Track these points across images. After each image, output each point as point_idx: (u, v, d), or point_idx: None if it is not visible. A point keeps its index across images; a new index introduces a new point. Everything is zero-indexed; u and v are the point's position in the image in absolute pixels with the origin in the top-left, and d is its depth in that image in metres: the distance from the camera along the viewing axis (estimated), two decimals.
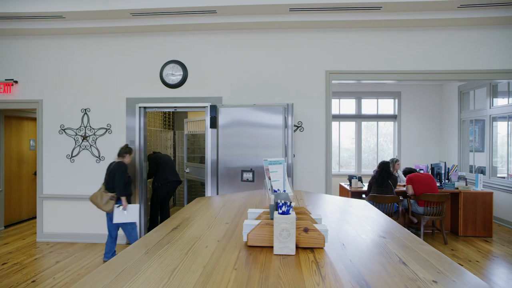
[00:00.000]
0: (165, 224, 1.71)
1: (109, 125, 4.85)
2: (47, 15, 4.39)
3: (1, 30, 4.73)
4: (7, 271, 3.84)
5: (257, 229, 1.29)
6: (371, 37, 4.56)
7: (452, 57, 4.52)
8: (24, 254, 4.42)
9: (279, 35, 4.63)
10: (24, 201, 6.18)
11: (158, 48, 4.78)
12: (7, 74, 5.00)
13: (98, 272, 1.10)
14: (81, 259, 4.20)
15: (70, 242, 4.90)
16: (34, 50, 4.97)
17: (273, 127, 4.02)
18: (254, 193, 2.65)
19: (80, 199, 4.90)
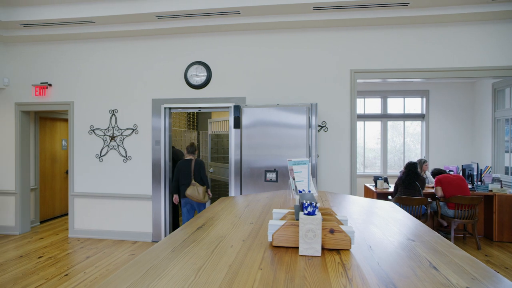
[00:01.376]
0: (190, 223, 1.74)
1: (136, 126, 4.98)
2: (78, 20, 4.57)
3: (37, 36, 4.97)
4: (43, 264, 4.03)
5: (282, 229, 1.28)
6: (397, 35, 4.43)
7: (486, 53, 4.32)
8: (57, 248, 4.63)
9: (302, 34, 4.60)
10: (57, 199, 6.46)
11: (182, 49, 4.87)
12: (42, 78, 5.25)
13: (126, 268, 1.13)
14: (109, 255, 4.34)
15: (99, 239, 5.08)
16: (66, 54, 5.19)
17: (296, 127, 3.99)
18: (278, 193, 2.64)
19: (108, 197, 5.06)
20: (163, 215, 4.89)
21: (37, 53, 5.28)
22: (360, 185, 7.07)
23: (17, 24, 4.76)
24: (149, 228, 4.96)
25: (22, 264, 4.05)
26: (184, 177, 4.44)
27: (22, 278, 3.64)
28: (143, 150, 4.96)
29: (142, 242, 4.91)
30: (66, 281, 3.56)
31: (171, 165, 5.01)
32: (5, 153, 5.38)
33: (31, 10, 4.56)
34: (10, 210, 5.40)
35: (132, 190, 5.00)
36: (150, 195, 4.91)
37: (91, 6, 4.41)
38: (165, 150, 4.89)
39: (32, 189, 5.70)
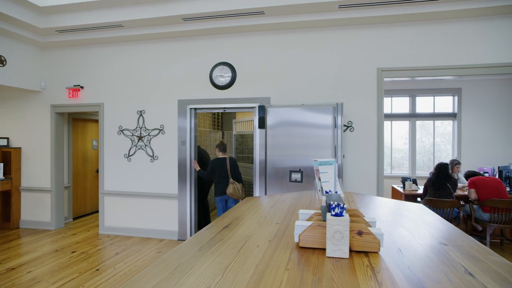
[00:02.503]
0: (216, 222, 1.75)
1: (162, 126, 5.10)
2: (108, 25, 4.73)
3: (71, 41, 5.20)
4: (76, 259, 4.21)
5: (309, 230, 1.27)
6: (426, 31, 4.28)
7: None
8: (89, 244, 4.81)
9: (327, 33, 4.54)
10: (88, 196, 6.73)
11: (207, 50, 4.93)
12: (75, 80, 5.48)
13: (155, 265, 1.15)
14: (137, 252, 4.47)
15: (127, 236, 5.24)
16: (97, 57, 5.40)
17: (322, 127, 3.95)
18: (304, 193, 2.62)
19: (136, 196, 5.21)
20: (189, 214, 4.98)
21: (70, 57, 5.52)
22: (387, 186, 6.89)
23: (53, 31, 5.00)
24: (175, 226, 5.06)
25: (57, 258, 4.25)
26: (220, 176, 4.58)
27: (57, 271, 3.82)
28: (169, 150, 5.07)
29: (168, 240, 5.01)
30: (97, 275, 3.70)
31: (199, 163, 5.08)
32: (42, 153, 5.67)
33: (66, 17, 4.77)
34: (46, 207, 5.68)
35: (158, 189, 5.12)
36: (176, 194, 5.01)
37: (120, 11, 4.56)
38: (191, 150, 4.98)
39: (65, 187, 5.96)
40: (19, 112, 5.79)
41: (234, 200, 4.68)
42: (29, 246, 4.74)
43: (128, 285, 1.00)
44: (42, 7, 4.57)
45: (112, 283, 3.51)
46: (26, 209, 5.78)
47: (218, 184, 4.67)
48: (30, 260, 4.20)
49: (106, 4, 4.48)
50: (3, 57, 4.97)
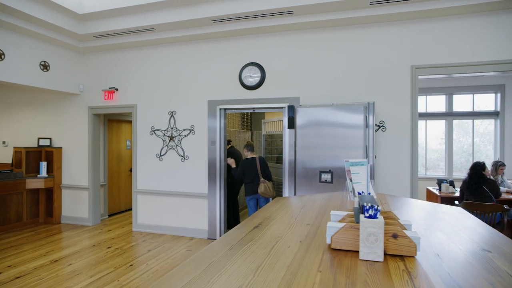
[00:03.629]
0: (246, 222, 1.76)
1: (193, 126, 5.20)
2: (141, 29, 4.89)
3: (107, 45, 5.43)
4: (112, 254, 4.39)
5: (341, 232, 1.25)
6: (464, 25, 4.06)
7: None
8: (123, 240, 5.00)
9: (358, 31, 4.43)
10: (122, 194, 7.00)
11: (236, 51, 4.97)
12: (110, 83, 5.72)
13: (188, 263, 1.18)
14: (168, 250, 4.58)
15: (159, 233, 5.39)
16: (130, 60, 5.60)
17: (353, 127, 3.86)
18: (334, 194, 2.57)
19: (167, 195, 5.35)
20: (218, 213, 5.04)
21: (106, 61, 5.76)
22: (422, 188, 6.62)
23: (90, 36, 5.24)
24: (205, 225, 5.14)
25: (94, 253, 4.45)
26: (251, 175, 4.63)
27: (95, 265, 4.00)
28: (200, 150, 5.16)
29: (198, 239, 5.11)
30: (131, 271, 3.84)
31: (226, 164, 5.14)
32: (80, 152, 5.96)
33: (102, 23, 4.99)
34: (84, 204, 5.96)
35: (189, 188, 5.23)
36: (206, 194, 5.09)
37: (152, 15, 4.70)
38: (221, 150, 5.04)
39: (101, 185, 6.23)
40: (60, 113, 6.13)
41: (265, 198, 4.70)
42: (69, 240, 5.00)
43: (162, 281, 1.02)
44: (81, 14, 4.81)
45: (145, 278, 3.62)
46: (67, 206, 6.10)
47: (248, 184, 4.70)
48: (71, 253, 4.43)
49: (139, 9, 4.63)
50: (47, 63, 5.28)
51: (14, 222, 5.67)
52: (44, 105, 6.30)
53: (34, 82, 5.11)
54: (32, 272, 3.82)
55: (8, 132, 6.78)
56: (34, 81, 5.11)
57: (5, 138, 6.81)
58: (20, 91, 6.62)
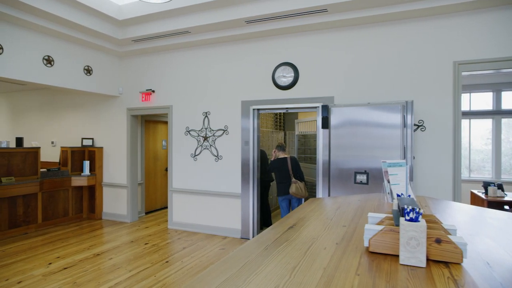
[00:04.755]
0: (281, 222, 1.75)
1: (226, 127, 5.27)
2: (176, 32, 5.03)
3: (144, 49, 5.64)
4: (148, 250, 4.56)
5: (380, 235, 1.20)
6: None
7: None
8: (159, 237, 5.17)
9: (394, 27, 4.27)
10: (158, 193, 7.24)
11: (269, 51, 4.97)
12: (148, 85, 5.93)
13: (223, 262, 1.19)
14: (202, 248, 4.68)
15: (193, 232, 5.51)
16: (166, 63, 5.78)
17: (389, 126, 3.73)
18: (371, 196, 2.49)
19: (201, 194, 5.46)
20: (251, 213, 5.07)
21: (143, 64, 5.99)
22: (465, 191, 6.25)
23: (129, 41, 5.48)
24: (238, 225, 5.19)
25: (133, 248, 4.64)
26: (282, 176, 4.62)
27: (133, 260, 4.17)
28: (233, 150, 5.21)
29: (231, 238, 5.16)
30: (167, 267, 3.96)
31: (259, 165, 5.16)
32: (119, 152, 6.24)
33: (140, 27, 5.19)
34: (123, 201, 6.23)
35: (222, 188, 5.30)
36: (239, 193, 5.14)
37: (187, 18, 4.81)
38: (254, 150, 5.06)
39: (139, 183, 6.48)
40: (101, 115, 6.46)
41: (297, 199, 4.66)
42: (110, 236, 5.25)
43: (199, 278, 1.04)
44: (121, 20, 5.03)
45: (180, 275, 3.72)
46: (107, 203, 6.41)
47: (280, 184, 4.69)
48: (111, 248, 4.65)
49: (175, 13, 4.76)
50: (90, 67, 5.59)
51: (61, 217, 6.04)
52: (87, 107, 6.67)
53: (79, 85, 5.43)
54: (77, 264, 4.05)
55: (56, 133, 7.25)
56: (79, 85, 5.42)
57: (53, 138, 7.29)
58: (66, 94, 7.05)
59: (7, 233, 5.22)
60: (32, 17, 4.43)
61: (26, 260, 4.21)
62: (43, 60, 4.87)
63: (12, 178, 5.24)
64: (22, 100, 8.08)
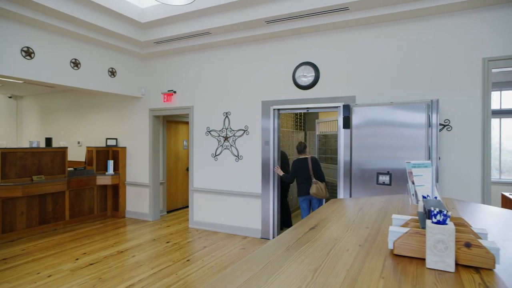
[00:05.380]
0: (302, 223, 1.74)
1: (247, 127, 5.28)
2: (197, 33, 5.09)
3: (166, 50, 5.75)
4: (170, 249, 4.63)
5: (405, 237, 1.17)
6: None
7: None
8: (180, 236, 5.25)
9: (418, 23, 4.15)
10: (179, 192, 7.35)
11: (290, 51, 4.95)
12: (169, 86, 6.04)
13: (245, 262, 1.19)
14: (223, 247, 4.71)
15: (213, 231, 5.56)
16: (186, 64, 5.86)
17: (413, 126, 3.63)
18: (394, 197, 2.43)
19: (222, 194, 5.50)
20: (272, 213, 5.06)
21: (165, 65, 6.10)
22: (495, 193, 6.00)
23: (151, 43, 5.59)
24: (258, 225, 5.19)
25: (155, 246, 4.73)
26: (303, 176, 4.60)
27: (155, 258, 4.25)
28: (253, 150, 5.22)
29: (251, 238, 5.17)
30: (188, 265, 4.01)
31: (279, 165, 5.14)
32: (142, 152, 6.38)
33: (162, 29, 5.29)
34: (145, 200, 6.37)
35: (243, 188, 5.32)
36: (260, 193, 5.14)
37: (208, 19, 4.86)
38: (274, 150, 5.05)
39: (161, 183, 6.61)
40: (124, 115, 6.62)
41: (318, 200, 4.62)
42: (133, 234, 5.38)
43: (221, 277, 1.05)
44: (143, 22, 5.14)
45: (201, 274, 3.76)
46: (130, 201, 6.57)
47: (300, 185, 4.66)
48: (134, 246, 4.76)
49: (196, 14, 4.82)
50: (114, 69, 5.74)
51: (87, 215, 6.24)
52: (110, 108, 6.86)
53: (104, 87, 5.59)
54: (102, 260, 4.18)
55: (82, 133, 7.50)
56: (103, 86, 5.59)
57: (79, 138, 7.54)
58: (91, 96, 7.28)
59: (37, 228, 5.45)
60: (61, 22, 4.60)
61: (55, 255, 4.38)
62: (71, 63, 5.05)
63: (42, 176, 5.46)
64: (51, 102, 8.42)
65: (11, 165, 5.12)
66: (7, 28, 4.28)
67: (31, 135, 8.78)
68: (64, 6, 4.33)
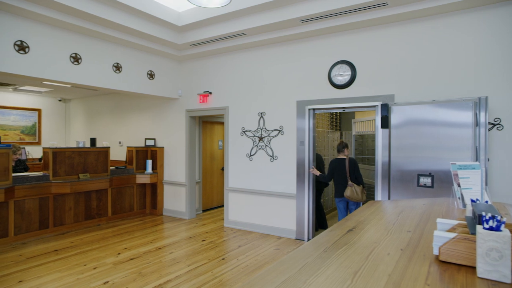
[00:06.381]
0: (339, 224, 1.70)
1: (281, 127, 5.26)
2: (232, 34, 5.15)
3: (201, 52, 5.87)
4: (206, 247, 4.73)
5: (452, 243, 1.10)
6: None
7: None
8: (215, 235, 5.34)
9: (464, 16, 3.90)
10: (214, 192, 7.47)
11: (325, 50, 4.86)
12: (205, 87, 6.16)
13: (282, 262, 1.18)
14: (257, 247, 4.72)
15: (248, 231, 5.59)
16: (222, 65, 5.95)
17: (458, 125, 3.42)
18: (437, 200, 2.31)
19: (256, 194, 5.52)
20: (306, 214, 5.00)
21: (201, 67, 6.23)
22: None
23: (188, 45, 5.74)
24: (293, 225, 5.15)
25: (191, 244, 4.85)
26: (339, 177, 4.52)
27: (191, 255, 4.36)
28: (288, 150, 5.19)
29: (286, 238, 5.14)
30: (223, 264, 4.06)
31: (314, 165, 5.07)
32: (179, 152, 6.57)
33: (198, 32, 5.41)
34: (182, 199, 6.55)
35: (277, 188, 5.31)
36: (294, 194, 5.10)
37: (243, 20, 4.90)
38: (309, 151, 4.99)
39: (197, 182, 6.76)
40: (162, 116, 6.85)
41: (354, 202, 4.50)
42: (170, 231, 5.55)
43: (259, 277, 1.05)
44: (180, 26, 5.29)
45: (236, 272, 3.79)
46: (167, 200, 6.78)
47: (337, 185, 4.57)
48: (171, 243, 4.90)
49: (231, 16, 4.88)
50: (153, 72, 5.97)
51: (127, 212, 6.53)
52: (149, 109, 7.12)
53: (143, 89, 5.82)
54: (142, 256, 4.35)
55: (122, 134, 7.87)
56: (143, 88, 5.82)
57: (120, 138, 7.92)
58: (131, 98, 7.61)
59: (84, 223, 5.79)
60: (104, 29, 4.86)
61: (99, 249, 4.62)
62: (113, 67, 5.31)
63: (87, 174, 5.79)
64: (95, 104, 8.91)
65: (60, 163, 5.48)
66: (56, 36, 4.59)
67: (78, 136, 9.35)
68: (106, 13, 4.56)
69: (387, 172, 3.95)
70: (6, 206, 4.82)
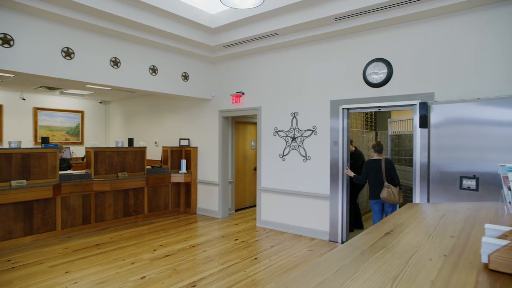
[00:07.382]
0: (376, 227, 1.64)
1: (315, 127, 5.19)
2: (265, 34, 5.16)
3: (234, 53, 5.94)
4: (238, 246, 4.77)
5: (503, 251, 1.03)
6: None
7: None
8: (248, 235, 5.37)
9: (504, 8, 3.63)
10: (247, 191, 7.52)
11: (359, 48, 4.73)
12: (237, 88, 6.22)
13: (317, 264, 1.16)
14: (290, 248, 4.69)
15: (280, 231, 5.57)
16: (254, 65, 5.97)
17: (507, 124, 3.20)
18: (484, 204, 2.17)
19: (289, 194, 5.49)
20: (340, 215, 4.90)
21: (233, 67, 6.30)
22: None
23: (221, 47, 5.82)
24: (326, 227, 5.07)
25: (223, 243, 4.91)
26: (375, 178, 4.39)
27: (224, 254, 4.41)
28: (322, 150, 5.11)
29: (319, 240, 5.07)
30: (256, 264, 4.08)
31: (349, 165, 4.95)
32: (212, 152, 6.68)
33: (230, 33, 5.48)
34: (215, 198, 6.65)
35: (310, 188, 5.24)
36: (328, 195, 5.01)
37: (275, 20, 4.89)
38: (343, 151, 4.88)
39: (229, 182, 6.84)
40: (196, 117, 7.01)
41: (390, 204, 4.35)
42: (203, 230, 5.66)
43: (294, 278, 1.04)
44: (213, 28, 5.38)
45: (268, 273, 3.79)
46: (201, 199, 6.92)
47: (373, 187, 4.43)
48: (205, 241, 5.00)
49: (263, 16, 4.89)
50: (187, 73, 6.12)
51: (162, 210, 6.75)
52: (183, 110, 7.31)
53: (178, 91, 5.99)
54: (176, 253, 4.47)
55: (158, 134, 8.14)
56: (178, 90, 5.99)
57: (156, 138, 8.19)
58: (166, 99, 7.85)
59: (122, 220, 6.05)
60: (141, 33, 5.05)
61: (137, 245, 4.81)
62: (149, 69, 5.51)
63: (126, 173, 6.05)
64: (132, 106, 9.29)
65: (101, 162, 5.77)
66: (98, 42, 4.83)
67: (116, 136, 9.79)
68: (143, 17, 4.73)
69: (426, 173, 3.78)
70: (54, 201, 5.15)
